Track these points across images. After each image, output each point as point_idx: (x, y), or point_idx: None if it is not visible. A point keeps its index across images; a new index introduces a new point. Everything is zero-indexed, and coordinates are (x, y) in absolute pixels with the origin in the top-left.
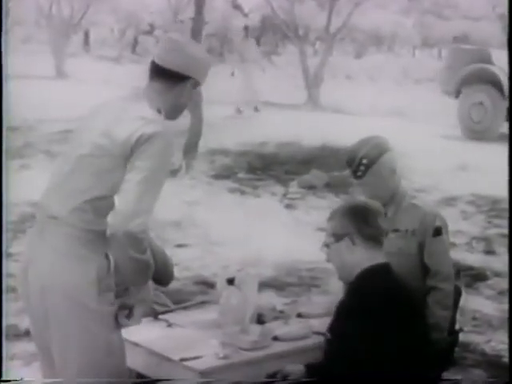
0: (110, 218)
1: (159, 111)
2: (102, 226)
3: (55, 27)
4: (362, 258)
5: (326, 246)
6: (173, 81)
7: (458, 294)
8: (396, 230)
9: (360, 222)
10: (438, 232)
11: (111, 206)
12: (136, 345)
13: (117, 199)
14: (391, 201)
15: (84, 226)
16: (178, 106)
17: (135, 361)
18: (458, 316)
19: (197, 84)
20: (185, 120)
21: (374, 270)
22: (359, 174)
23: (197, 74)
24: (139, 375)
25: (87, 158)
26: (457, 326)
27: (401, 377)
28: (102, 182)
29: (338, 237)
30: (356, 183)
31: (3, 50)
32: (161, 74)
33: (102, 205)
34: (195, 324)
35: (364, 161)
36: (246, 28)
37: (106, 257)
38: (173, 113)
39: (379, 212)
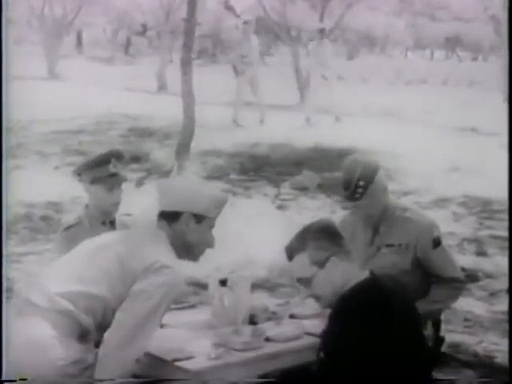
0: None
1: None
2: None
3: (47, 28)
4: (349, 273)
5: (307, 281)
6: (169, 218)
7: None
8: (389, 245)
9: (338, 238)
10: (437, 243)
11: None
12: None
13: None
14: (383, 216)
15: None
16: (188, 246)
17: None
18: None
19: (199, 218)
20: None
21: (363, 286)
22: (357, 196)
23: (191, 208)
24: (134, 375)
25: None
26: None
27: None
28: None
29: (321, 263)
30: (351, 205)
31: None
32: (160, 216)
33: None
34: (188, 325)
35: (361, 183)
36: (321, 30)
37: None
38: (186, 254)
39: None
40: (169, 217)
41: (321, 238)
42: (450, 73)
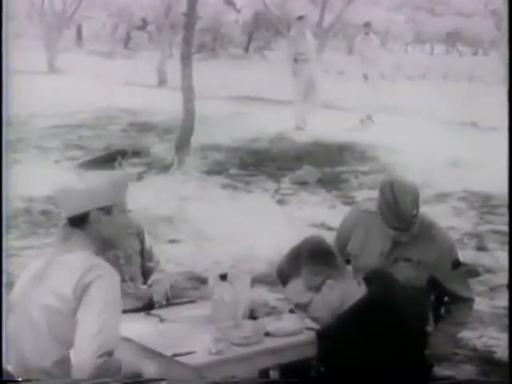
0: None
1: (96, 253)
2: None
3: (47, 22)
4: (347, 292)
5: (304, 306)
6: (80, 222)
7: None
8: (407, 260)
9: (332, 258)
10: (457, 264)
11: None
12: (129, 340)
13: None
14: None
15: None
16: (104, 239)
17: (128, 356)
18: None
19: (107, 210)
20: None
21: (361, 305)
22: (411, 227)
23: (96, 204)
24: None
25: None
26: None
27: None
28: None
29: (317, 288)
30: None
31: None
32: (71, 222)
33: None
34: (188, 320)
35: (414, 219)
36: (366, 24)
37: None
38: (105, 246)
39: (330, 246)
40: (78, 221)
41: (314, 261)
42: (450, 68)
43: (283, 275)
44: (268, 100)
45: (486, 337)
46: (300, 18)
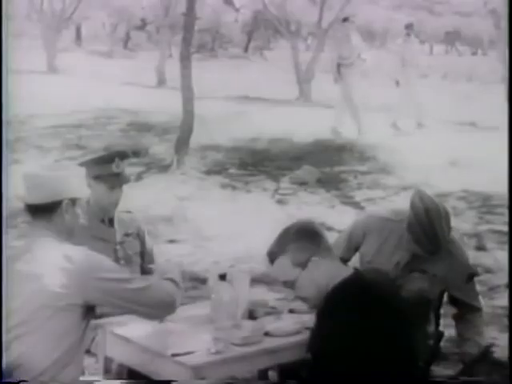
0: None
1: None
2: None
3: (47, 22)
4: (333, 271)
5: (291, 284)
6: (48, 211)
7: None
8: (423, 271)
9: (318, 237)
10: (471, 277)
11: None
12: (128, 340)
13: None
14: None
15: None
16: (67, 230)
17: (127, 356)
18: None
19: (73, 201)
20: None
21: (347, 283)
22: (443, 248)
23: (67, 194)
24: (131, 371)
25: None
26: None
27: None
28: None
29: (303, 264)
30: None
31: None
32: (37, 210)
33: None
34: (187, 319)
35: (446, 235)
36: (409, 26)
37: None
38: (67, 236)
39: (319, 228)
40: (46, 209)
41: (300, 239)
42: (450, 67)
43: (272, 253)
44: (267, 100)
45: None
46: (345, 19)
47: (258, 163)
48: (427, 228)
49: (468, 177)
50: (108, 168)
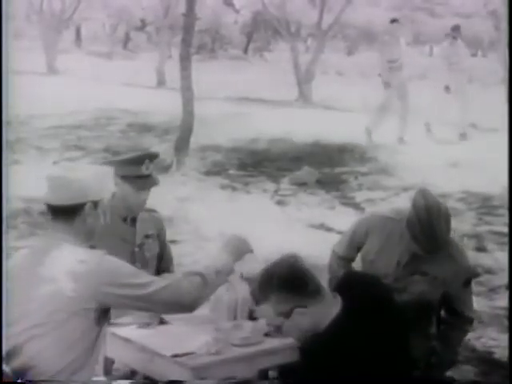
0: None
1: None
2: None
3: (46, 23)
4: (319, 316)
5: (276, 328)
6: (71, 213)
7: None
8: (424, 273)
9: (302, 284)
10: (468, 282)
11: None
12: (128, 341)
13: None
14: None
15: None
16: (88, 232)
17: (127, 357)
18: None
19: (96, 204)
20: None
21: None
22: (440, 248)
23: (90, 197)
24: (133, 371)
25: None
26: None
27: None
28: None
29: (286, 314)
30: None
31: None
32: (60, 212)
33: None
34: (187, 320)
35: (445, 236)
36: (455, 28)
37: None
38: (88, 239)
39: (304, 269)
40: (68, 210)
41: (282, 288)
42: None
43: (255, 297)
44: (267, 101)
45: (485, 337)
46: (394, 21)
47: (257, 164)
48: (425, 225)
49: (468, 178)
50: (137, 169)
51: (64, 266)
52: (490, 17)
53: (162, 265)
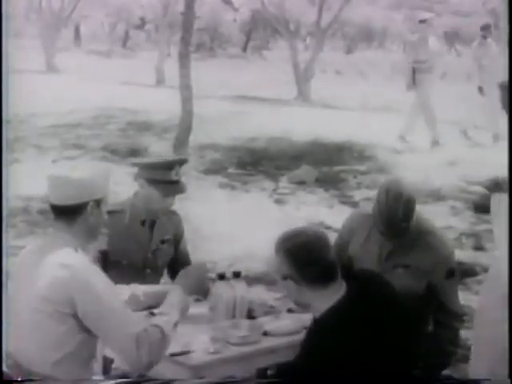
0: None
1: (75, 249)
2: None
3: (45, 21)
4: (315, 300)
5: (304, 307)
6: (73, 212)
7: None
8: (406, 266)
9: (301, 265)
10: (451, 274)
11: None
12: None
13: None
14: (404, 236)
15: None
16: (90, 231)
17: None
18: None
19: (98, 202)
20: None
21: (335, 311)
22: (399, 236)
23: (93, 196)
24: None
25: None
26: None
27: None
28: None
29: (282, 276)
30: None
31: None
32: (62, 212)
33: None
34: (185, 319)
35: (403, 229)
36: (485, 27)
37: None
38: (90, 238)
39: (323, 245)
40: (70, 210)
41: (286, 256)
42: (448, 67)
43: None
44: (266, 99)
45: None
46: (423, 21)
47: (256, 163)
48: (383, 207)
49: (467, 176)
50: (167, 174)
51: (47, 265)
52: (488, 15)
53: (176, 268)
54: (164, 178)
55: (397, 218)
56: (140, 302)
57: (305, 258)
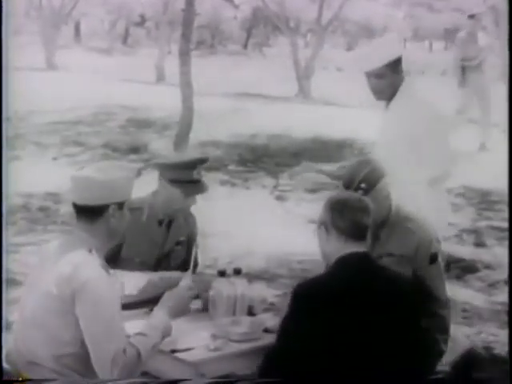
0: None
1: (90, 250)
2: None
3: (45, 18)
4: (336, 248)
5: (320, 224)
6: (94, 213)
7: None
8: (390, 255)
9: (335, 214)
10: (433, 259)
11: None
12: (127, 337)
13: None
14: (384, 224)
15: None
16: (110, 232)
17: None
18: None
19: (121, 204)
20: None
21: (349, 258)
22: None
23: (115, 198)
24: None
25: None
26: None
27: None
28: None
29: (318, 223)
30: None
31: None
32: (83, 211)
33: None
34: (186, 316)
35: (362, 185)
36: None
37: None
38: (109, 239)
39: (361, 208)
40: (92, 211)
41: (325, 204)
42: (449, 64)
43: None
44: (267, 96)
45: (484, 333)
46: (472, 16)
47: (257, 160)
48: (346, 170)
49: (467, 173)
50: (189, 174)
51: (59, 265)
52: (489, 12)
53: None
54: (186, 177)
55: (356, 178)
56: (157, 287)
57: (341, 210)
